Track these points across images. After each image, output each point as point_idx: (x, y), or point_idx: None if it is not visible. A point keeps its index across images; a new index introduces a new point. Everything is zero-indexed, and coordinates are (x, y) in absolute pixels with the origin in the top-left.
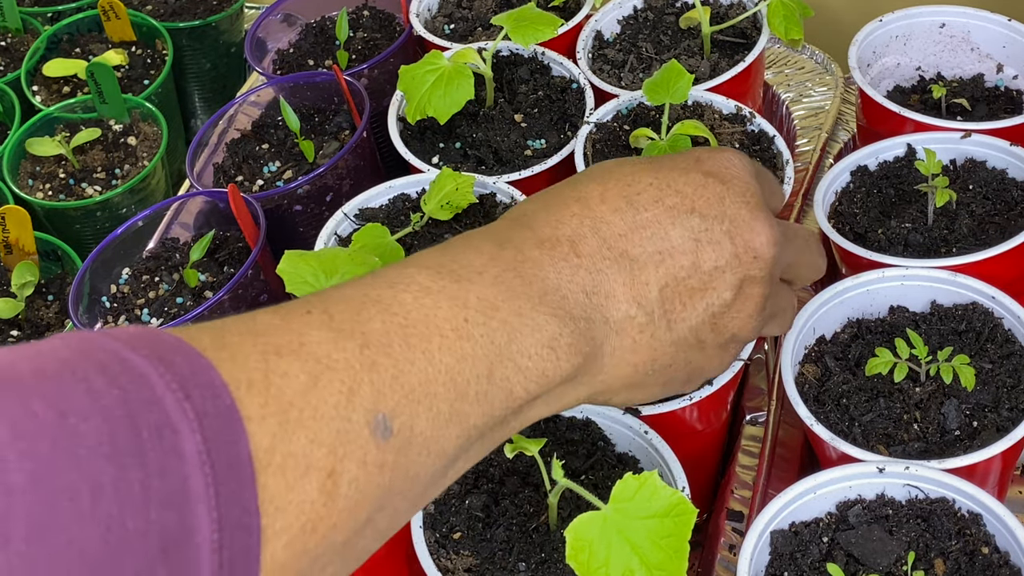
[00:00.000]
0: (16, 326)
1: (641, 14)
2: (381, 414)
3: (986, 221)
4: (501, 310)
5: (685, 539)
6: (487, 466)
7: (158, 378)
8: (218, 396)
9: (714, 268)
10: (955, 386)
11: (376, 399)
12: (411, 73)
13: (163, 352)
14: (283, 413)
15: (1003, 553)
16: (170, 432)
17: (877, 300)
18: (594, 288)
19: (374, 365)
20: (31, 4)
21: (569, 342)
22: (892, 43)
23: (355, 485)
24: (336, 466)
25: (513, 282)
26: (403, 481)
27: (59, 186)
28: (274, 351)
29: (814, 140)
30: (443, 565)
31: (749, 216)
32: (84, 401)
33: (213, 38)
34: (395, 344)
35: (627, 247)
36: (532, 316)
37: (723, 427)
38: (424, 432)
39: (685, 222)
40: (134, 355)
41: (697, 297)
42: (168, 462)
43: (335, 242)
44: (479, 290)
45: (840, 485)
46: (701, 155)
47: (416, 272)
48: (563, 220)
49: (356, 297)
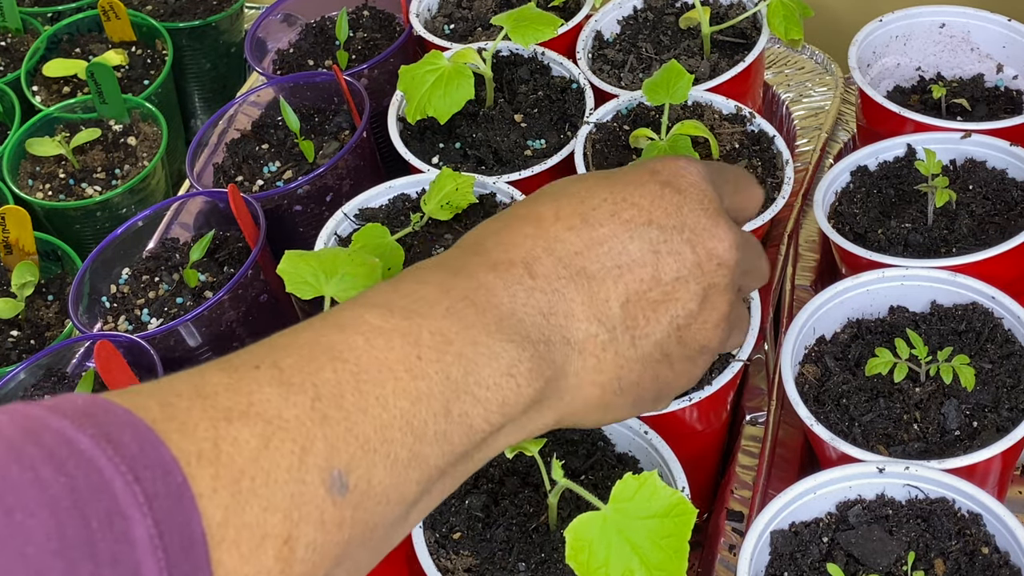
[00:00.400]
0: (16, 326)
1: (641, 14)
2: (336, 470)
3: (986, 221)
4: (455, 343)
5: (685, 539)
6: (487, 466)
7: (106, 461)
8: (168, 474)
9: (676, 279)
10: (955, 386)
11: (330, 455)
12: (411, 73)
13: (111, 430)
14: (235, 483)
15: (1003, 553)
16: (120, 519)
17: (877, 300)
18: (551, 309)
19: (326, 419)
20: (31, 4)
21: (529, 367)
22: (892, 43)
23: (312, 547)
24: (292, 531)
25: (466, 312)
26: (362, 533)
27: (59, 186)
28: (223, 416)
29: (814, 140)
30: (443, 565)
31: (709, 223)
32: (31, 494)
33: (213, 38)
34: (347, 394)
35: (584, 264)
36: (488, 344)
37: (723, 427)
38: (382, 482)
39: (643, 234)
40: (82, 436)
41: (661, 310)
42: (119, 550)
43: (335, 242)
44: (432, 324)
45: (840, 485)
46: (655, 165)
47: (366, 312)
48: (516, 242)
49: (305, 346)
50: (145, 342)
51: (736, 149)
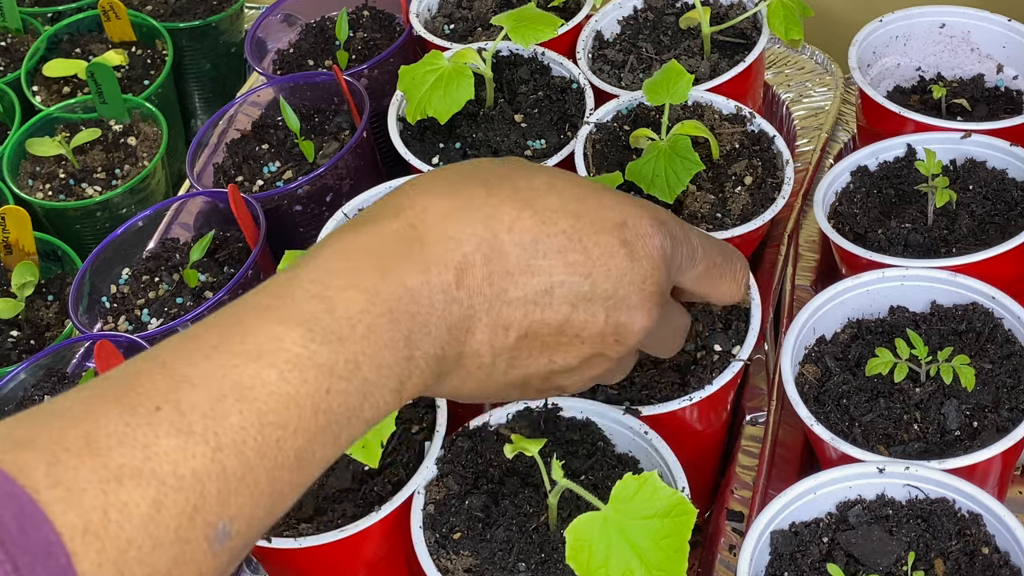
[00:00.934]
0: (16, 326)
1: (641, 14)
2: (222, 523)
3: (986, 221)
4: (364, 368)
5: (685, 539)
6: (487, 466)
7: None
8: (50, 555)
9: (575, 336)
10: (955, 386)
11: (220, 510)
12: (411, 73)
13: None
14: (121, 555)
15: (1003, 553)
16: None
17: (877, 300)
18: (459, 323)
19: (223, 471)
20: (31, 4)
21: (416, 383)
22: (892, 43)
23: None
24: None
25: (384, 329)
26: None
27: (59, 186)
28: (115, 477)
29: (814, 140)
30: (443, 565)
31: (637, 300)
32: None
33: (213, 38)
34: (250, 440)
35: (508, 288)
36: (390, 366)
37: (723, 427)
38: (264, 521)
39: (573, 284)
40: None
41: (546, 354)
42: None
43: None
44: (349, 349)
45: (840, 485)
46: (627, 217)
47: (287, 335)
48: (462, 239)
49: (214, 381)
50: (145, 342)
51: (736, 149)
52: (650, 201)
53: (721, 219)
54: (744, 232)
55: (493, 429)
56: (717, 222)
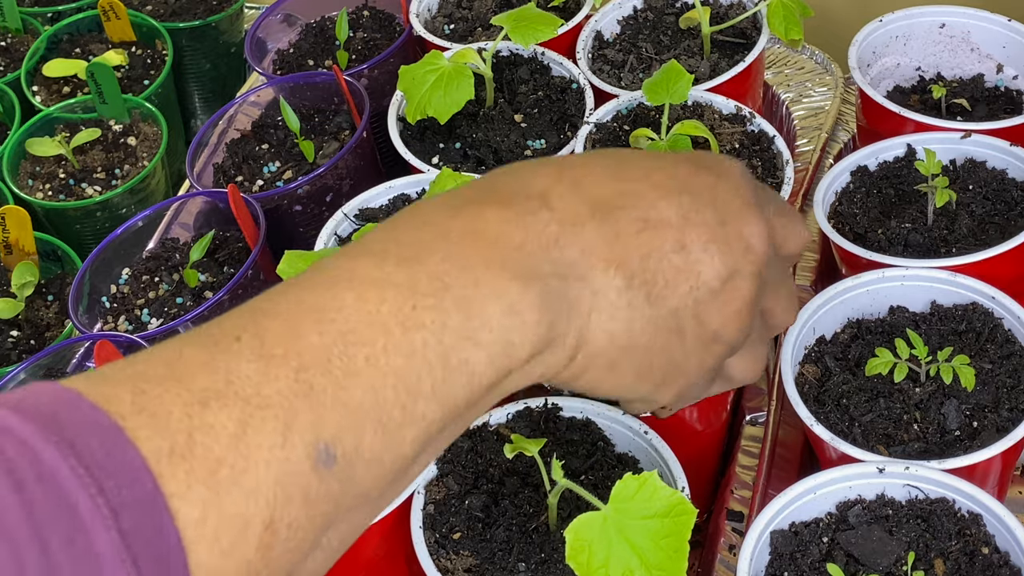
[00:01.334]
0: (16, 326)
1: (641, 14)
2: (323, 443)
3: (986, 221)
4: (454, 286)
5: (685, 539)
6: (487, 466)
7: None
8: (137, 480)
9: (702, 250)
10: (955, 386)
11: (316, 428)
12: (411, 73)
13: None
14: (212, 475)
15: (1003, 553)
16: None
17: (877, 300)
18: (568, 242)
19: (311, 390)
20: (31, 4)
21: (536, 303)
22: (892, 43)
23: (295, 526)
24: (275, 514)
25: (468, 251)
26: (352, 500)
27: (59, 186)
28: (199, 400)
29: (814, 140)
30: (443, 565)
31: (742, 206)
32: None
33: (213, 38)
34: (335, 358)
35: (608, 200)
36: (491, 284)
37: (723, 427)
38: (373, 447)
39: (674, 200)
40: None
41: (681, 278)
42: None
43: (335, 242)
44: (429, 269)
45: (840, 485)
46: (698, 153)
47: (358, 261)
48: (535, 179)
49: (291, 309)
50: (145, 342)
51: (736, 149)
52: None
53: None
54: None
55: (493, 429)
56: None
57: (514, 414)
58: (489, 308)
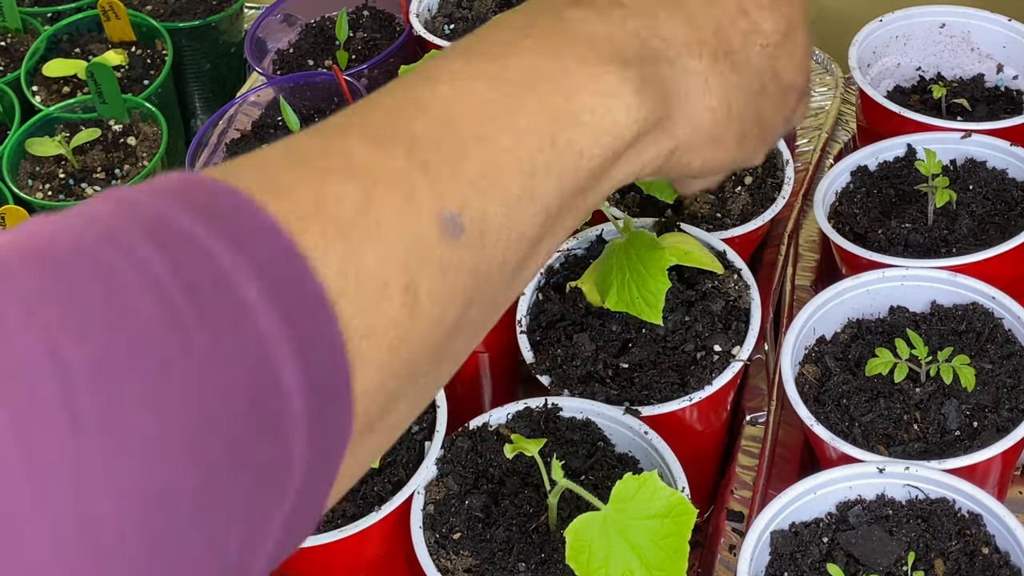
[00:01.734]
0: None
1: None
2: (448, 212)
3: (986, 221)
4: (549, 74)
5: (685, 539)
6: (487, 466)
7: (205, 232)
8: (273, 238)
9: (759, 9)
10: (955, 386)
11: (438, 198)
12: None
13: (209, 203)
14: (344, 236)
15: (1003, 553)
16: (227, 286)
17: (877, 300)
18: (649, 32)
19: (426, 165)
20: (31, 4)
21: (635, 87)
22: (892, 43)
23: (435, 292)
24: (412, 278)
25: (554, 43)
26: (488, 273)
27: (59, 186)
28: (319, 176)
29: (814, 140)
30: (443, 565)
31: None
32: (131, 276)
33: (213, 38)
34: (443, 140)
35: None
36: (585, 70)
37: (723, 427)
38: (497, 218)
39: None
40: (181, 212)
41: (751, 39)
42: (233, 315)
43: None
44: (519, 61)
45: (840, 485)
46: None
47: (447, 62)
48: None
49: (393, 102)
50: None
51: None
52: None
53: (721, 219)
54: (744, 232)
55: (493, 429)
56: (717, 222)
57: (514, 414)
58: (587, 92)
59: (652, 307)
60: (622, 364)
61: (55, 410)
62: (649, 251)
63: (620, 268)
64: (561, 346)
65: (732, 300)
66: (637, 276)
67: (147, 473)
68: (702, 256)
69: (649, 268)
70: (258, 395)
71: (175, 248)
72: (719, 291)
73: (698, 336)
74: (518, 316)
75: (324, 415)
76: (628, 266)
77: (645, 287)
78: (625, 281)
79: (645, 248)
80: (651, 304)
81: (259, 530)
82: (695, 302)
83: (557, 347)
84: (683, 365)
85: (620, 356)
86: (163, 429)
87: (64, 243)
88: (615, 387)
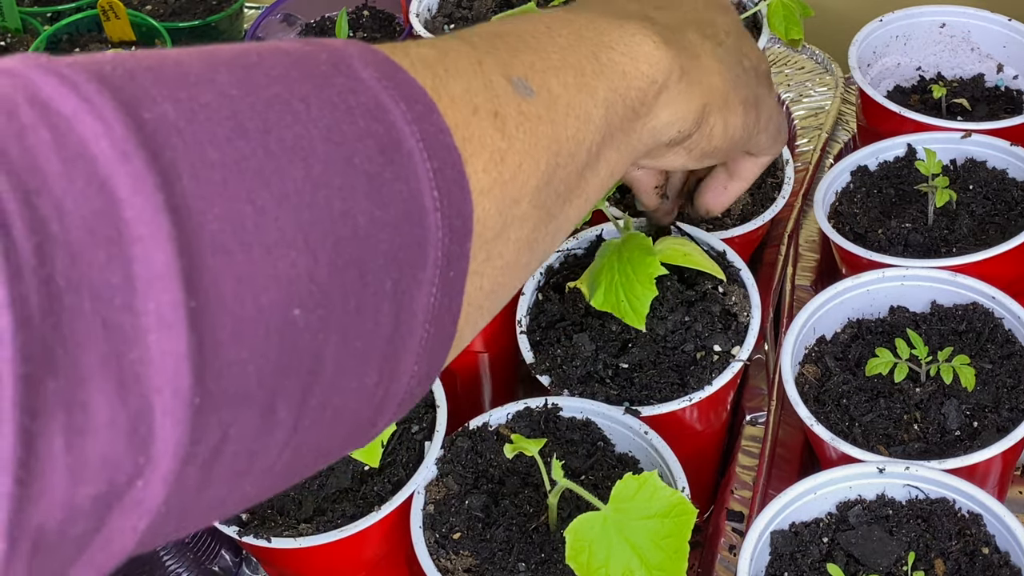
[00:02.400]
0: None
1: None
2: (516, 76)
3: (986, 221)
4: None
5: (685, 539)
6: (487, 466)
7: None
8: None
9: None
10: (955, 386)
11: (505, 67)
12: None
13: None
14: (430, 69)
15: (1003, 553)
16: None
17: (877, 300)
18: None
19: (492, 48)
20: (31, 4)
21: (658, 37)
22: (892, 43)
23: (522, 128)
24: (499, 109)
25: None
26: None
27: None
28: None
29: (814, 140)
30: (443, 565)
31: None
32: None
33: (213, 38)
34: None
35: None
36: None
37: (723, 427)
38: (561, 94)
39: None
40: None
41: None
42: (352, 87)
43: None
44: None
45: (840, 485)
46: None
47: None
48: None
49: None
50: None
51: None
52: None
53: (721, 219)
54: (744, 232)
55: (493, 429)
56: (717, 222)
57: (514, 414)
58: (615, 32)
59: (636, 312)
60: (622, 364)
61: None
62: (641, 256)
63: (610, 269)
64: (561, 346)
65: (732, 301)
66: (625, 280)
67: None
68: (702, 259)
69: (638, 274)
70: (384, 144)
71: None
72: (719, 292)
73: (698, 336)
74: (518, 316)
75: (445, 180)
76: (619, 268)
77: (632, 292)
78: (613, 283)
79: (638, 253)
80: (636, 309)
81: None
82: (695, 302)
83: (557, 347)
84: (683, 365)
85: (620, 356)
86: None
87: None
88: (615, 387)
